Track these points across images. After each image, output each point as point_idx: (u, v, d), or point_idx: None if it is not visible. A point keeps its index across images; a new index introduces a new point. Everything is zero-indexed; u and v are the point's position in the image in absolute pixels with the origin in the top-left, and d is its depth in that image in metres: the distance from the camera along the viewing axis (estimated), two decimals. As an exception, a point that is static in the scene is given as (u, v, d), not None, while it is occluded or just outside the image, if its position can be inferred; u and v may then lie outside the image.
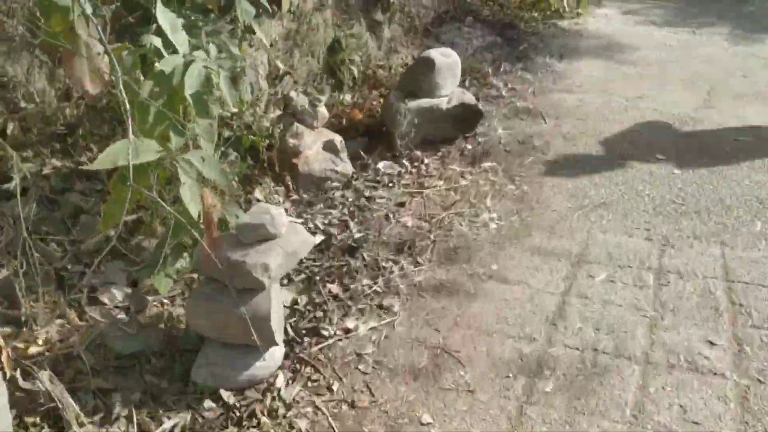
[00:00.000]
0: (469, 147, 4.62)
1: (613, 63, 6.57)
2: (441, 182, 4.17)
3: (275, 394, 2.63)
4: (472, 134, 4.74)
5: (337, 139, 4.08)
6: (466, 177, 4.28)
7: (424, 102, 4.47)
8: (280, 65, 4.62)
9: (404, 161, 4.34)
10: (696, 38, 7.51)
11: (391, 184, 4.08)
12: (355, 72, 5.10)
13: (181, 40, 2.78)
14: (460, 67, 4.66)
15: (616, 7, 8.58)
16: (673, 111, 5.56)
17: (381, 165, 4.24)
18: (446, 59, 4.52)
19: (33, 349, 2.69)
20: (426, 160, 4.37)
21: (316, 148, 3.99)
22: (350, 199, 3.88)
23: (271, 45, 4.57)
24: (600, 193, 4.20)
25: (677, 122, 5.35)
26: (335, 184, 3.99)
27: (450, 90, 4.60)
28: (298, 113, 3.94)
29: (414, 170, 4.28)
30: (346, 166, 4.06)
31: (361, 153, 4.28)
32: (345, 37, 5.08)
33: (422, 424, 2.54)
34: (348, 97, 5.05)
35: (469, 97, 4.64)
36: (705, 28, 7.94)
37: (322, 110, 4.01)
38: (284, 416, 2.54)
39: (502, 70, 5.96)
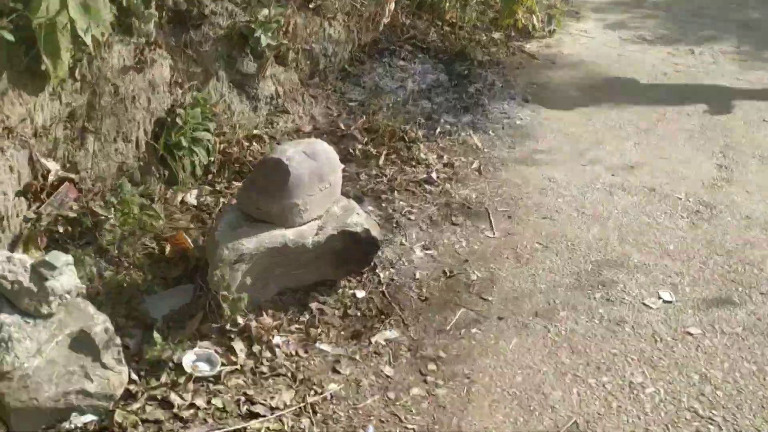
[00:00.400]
0: (361, 296, 2.61)
1: (595, 107, 4.51)
2: (291, 394, 2.17)
3: None
4: (369, 268, 2.74)
5: (98, 327, 2.07)
6: (342, 371, 2.29)
7: (273, 237, 2.39)
8: (53, 167, 2.61)
9: (236, 343, 2.33)
10: (698, 61, 5.45)
11: (192, 412, 2.08)
12: (202, 157, 3.08)
13: None
14: (339, 170, 2.58)
15: (598, 18, 6.48)
16: (677, 192, 3.55)
17: (188, 359, 2.22)
18: (311, 163, 2.41)
19: None
20: (275, 338, 2.37)
21: (50, 352, 2.01)
22: (95, 467, 1.90)
23: (36, 135, 2.57)
24: (569, 401, 2.23)
25: (685, 214, 3.36)
26: (84, 419, 2.01)
27: (321, 210, 2.54)
28: (9, 294, 1.96)
29: (250, 362, 2.28)
30: (110, 378, 2.06)
31: (156, 337, 2.24)
32: (185, 105, 3.04)
33: None
34: (192, 198, 3.05)
35: (356, 220, 2.55)
36: (706, 44, 5.86)
37: (63, 283, 2.00)
38: None
39: (438, 130, 3.92)
